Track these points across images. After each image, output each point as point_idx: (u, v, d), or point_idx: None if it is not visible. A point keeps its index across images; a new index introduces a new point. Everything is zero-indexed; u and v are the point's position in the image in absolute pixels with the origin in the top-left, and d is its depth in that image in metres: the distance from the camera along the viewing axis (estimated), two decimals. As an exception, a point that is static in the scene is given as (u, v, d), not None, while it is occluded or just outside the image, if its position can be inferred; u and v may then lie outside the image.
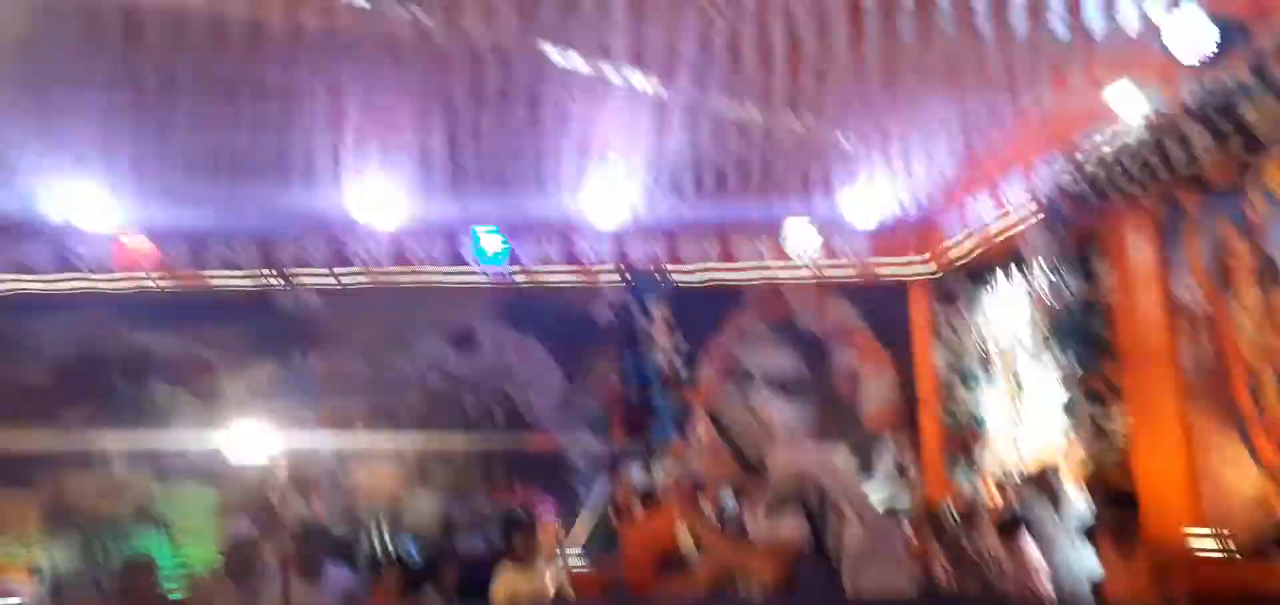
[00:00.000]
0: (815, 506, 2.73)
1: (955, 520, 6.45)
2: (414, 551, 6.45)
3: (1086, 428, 5.92)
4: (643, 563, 6.99)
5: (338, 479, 6.78)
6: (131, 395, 6.90)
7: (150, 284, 7.09)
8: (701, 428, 3.03)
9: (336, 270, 7.37)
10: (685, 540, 3.85)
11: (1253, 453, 5.35)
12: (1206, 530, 5.44)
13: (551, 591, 5.87)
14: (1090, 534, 5.68)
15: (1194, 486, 5.60)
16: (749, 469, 2.91)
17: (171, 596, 5.67)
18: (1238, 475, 5.43)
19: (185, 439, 6.68)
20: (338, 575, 5.65)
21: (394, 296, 7.52)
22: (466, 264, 7.61)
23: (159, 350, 7.01)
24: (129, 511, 6.48)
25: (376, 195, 6.86)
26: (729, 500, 3.17)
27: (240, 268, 7.19)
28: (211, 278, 7.17)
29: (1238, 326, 5.45)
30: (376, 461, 7.17)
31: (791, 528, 2.70)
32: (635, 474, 7.23)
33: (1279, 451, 5.18)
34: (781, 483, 2.79)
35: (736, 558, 2.81)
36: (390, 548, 6.98)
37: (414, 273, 7.57)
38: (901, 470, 8.13)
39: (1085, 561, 5.88)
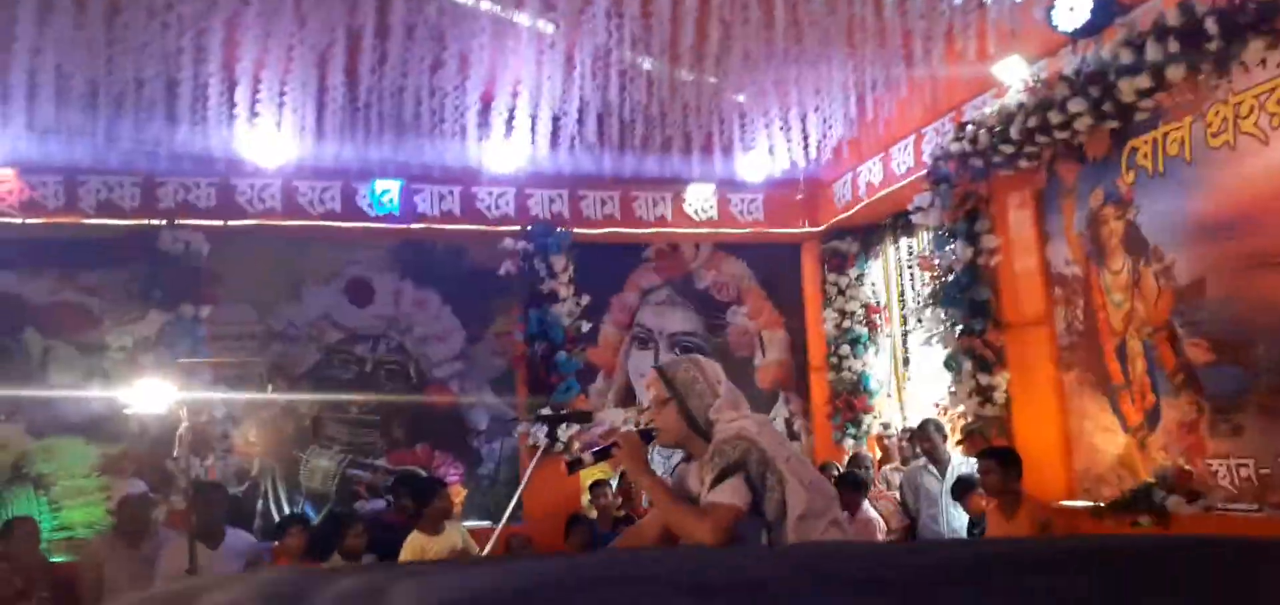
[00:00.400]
0: (756, 469, 2.80)
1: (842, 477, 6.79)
2: (311, 514, 6.32)
3: (969, 389, 6.28)
4: (548, 523, 7.09)
5: (230, 437, 6.53)
6: (1, 345, 6.44)
7: (17, 223, 6.59)
8: (651, 387, 3.02)
9: (223, 215, 7.04)
10: (601, 499, 3.89)
11: (1119, 417, 5.80)
12: (1079, 489, 5.89)
13: (468, 551, 5.87)
14: (970, 491, 6.07)
15: (1068, 448, 6.05)
16: (696, 429, 2.94)
17: (53, 560, 5.39)
18: (1107, 439, 5.88)
19: (62, 393, 6.34)
20: (237, 537, 5.51)
21: (285, 244, 7.25)
22: (362, 212, 7.41)
23: (31, 297, 6.56)
24: (2, 471, 6.08)
25: (268, 135, 6.57)
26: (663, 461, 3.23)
27: (120, 210, 6.79)
28: (88, 219, 6.74)
29: (1107, 295, 5.88)
30: (270, 419, 6.95)
31: (736, 489, 2.74)
32: (540, 433, 7.26)
33: (1143, 416, 5.64)
34: (727, 444, 2.84)
35: (682, 518, 2.84)
36: (286, 509, 6.83)
37: (306, 220, 7.31)
38: (792, 430, 8.43)
39: (962, 518, 6.29)
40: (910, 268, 7.76)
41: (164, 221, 6.67)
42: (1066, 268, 6.17)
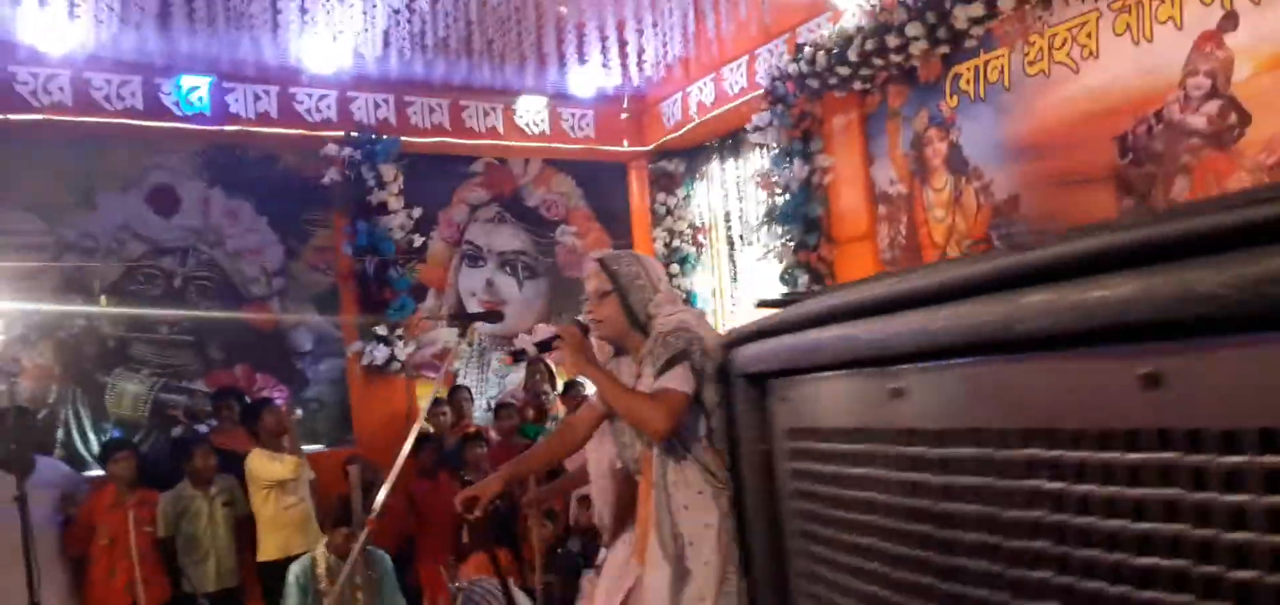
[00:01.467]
0: (698, 360, 2.84)
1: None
2: (120, 439, 5.75)
3: (805, 298, 6.62)
4: (381, 442, 6.83)
5: (19, 360, 5.79)
6: None
7: None
8: (592, 279, 2.99)
9: (2, 109, 6.16)
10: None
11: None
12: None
13: (307, 476, 5.57)
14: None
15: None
16: (635, 324, 2.94)
17: None
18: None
19: None
20: (49, 467, 4.95)
21: (76, 145, 6.45)
22: (167, 111, 6.71)
23: None
24: None
25: (56, 18, 5.77)
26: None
27: None
28: None
29: (929, 211, 6.36)
30: (68, 340, 6.22)
31: (683, 376, 2.75)
32: (375, 353, 6.96)
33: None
34: (672, 335, 2.85)
35: (633, 403, 2.83)
36: (91, 437, 6.17)
37: (102, 117, 6.52)
38: (620, 342, 8.55)
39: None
40: (739, 189, 8.01)
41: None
42: (891, 187, 6.61)
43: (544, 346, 3.02)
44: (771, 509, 1.46)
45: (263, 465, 5.37)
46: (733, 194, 8.12)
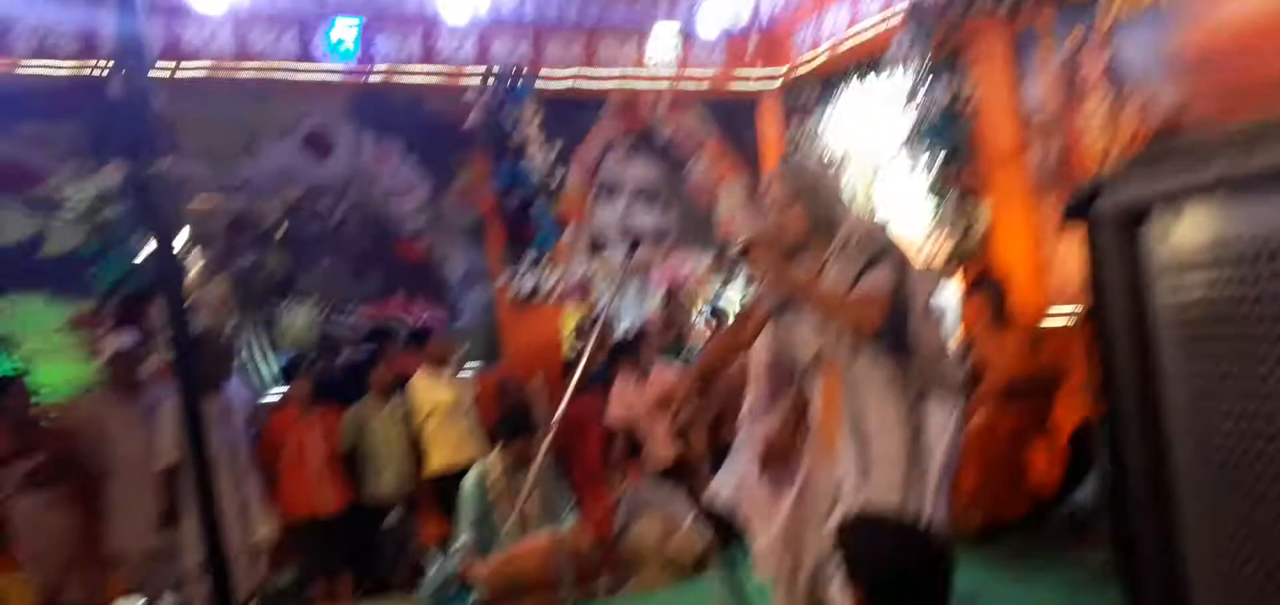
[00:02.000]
0: (895, 259, 2.90)
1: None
2: (298, 360, 6.13)
3: (951, 221, 6.55)
4: (530, 366, 7.09)
5: (206, 290, 6.22)
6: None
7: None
8: (777, 187, 3.05)
9: (171, 61, 6.56)
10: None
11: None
12: (1057, 307, 6.29)
13: (468, 397, 5.86)
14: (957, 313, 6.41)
15: (1043, 270, 6.43)
16: (820, 227, 2.99)
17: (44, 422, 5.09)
18: (1079, 259, 6.25)
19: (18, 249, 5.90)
20: (235, 389, 5.33)
21: (238, 94, 6.82)
22: (317, 59, 7.02)
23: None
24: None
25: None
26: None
27: (57, 56, 6.22)
28: (22, 66, 6.16)
29: (1083, 132, 6.18)
30: (241, 273, 6.64)
31: (887, 276, 2.81)
32: (523, 283, 7.20)
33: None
34: (869, 236, 2.91)
35: (841, 303, 2.84)
36: (266, 361, 6.60)
37: (259, 67, 6.89)
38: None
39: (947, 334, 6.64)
40: (880, 109, 7.88)
41: (109, 67, 6.14)
42: (1041, 108, 6.44)
43: (741, 252, 3.07)
44: (1144, 362, 1.36)
45: (426, 389, 5.67)
46: (869, 123, 8.00)
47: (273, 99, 6.99)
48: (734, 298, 8.17)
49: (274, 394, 6.30)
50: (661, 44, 8.08)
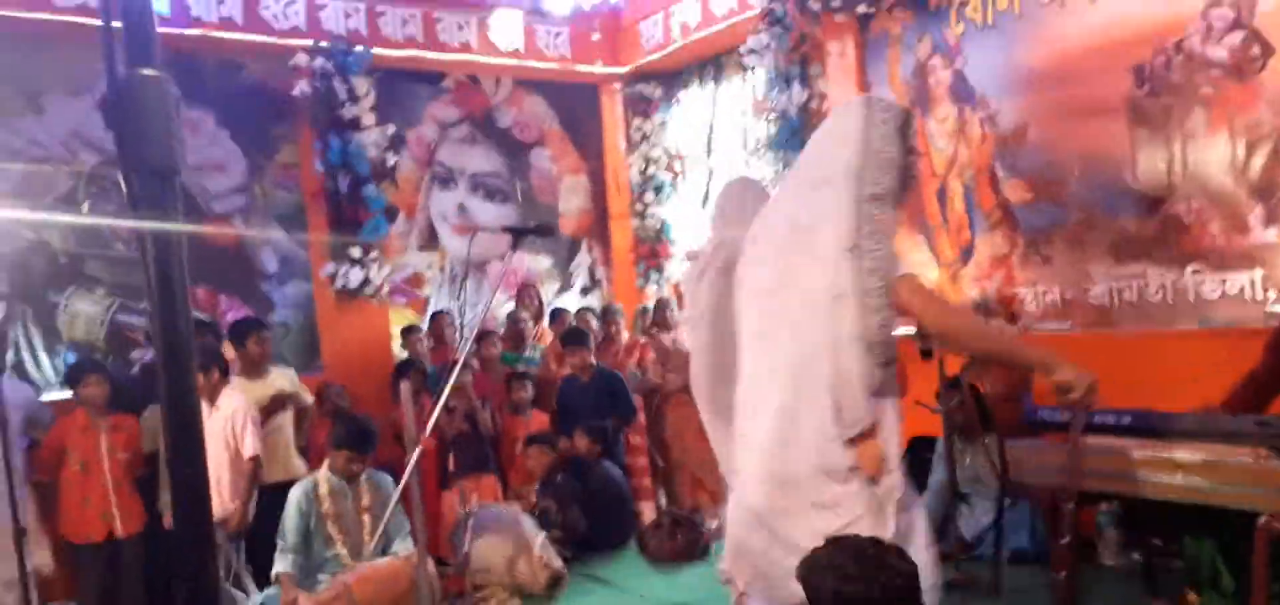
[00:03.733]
0: None
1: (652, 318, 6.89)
2: (92, 361, 5.31)
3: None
4: (354, 369, 6.53)
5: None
6: None
7: None
8: None
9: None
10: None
11: (934, 254, 6.28)
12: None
13: (304, 398, 5.27)
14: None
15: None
16: None
17: None
18: (920, 273, 6.33)
19: None
20: (14, 388, 4.53)
21: (21, 43, 5.86)
22: (117, 15, 6.14)
23: None
24: None
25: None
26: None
27: None
28: None
29: (931, 141, 6.26)
30: (15, 255, 5.71)
31: None
32: (347, 274, 6.59)
33: (959, 252, 6.14)
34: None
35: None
36: (43, 359, 5.70)
37: (48, 14, 5.94)
38: (593, 277, 8.33)
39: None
40: (722, 108, 7.78)
41: None
42: (889, 114, 6.48)
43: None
44: None
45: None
46: (715, 122, 7.89)
47: (64, 49, 6.06)
48: (573, 302, 7.86)
49: (53, 396, 5.44)
50: (504, 25, 7.65)
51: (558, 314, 7.10)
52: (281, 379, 5.31)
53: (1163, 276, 5.11)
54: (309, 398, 5.48)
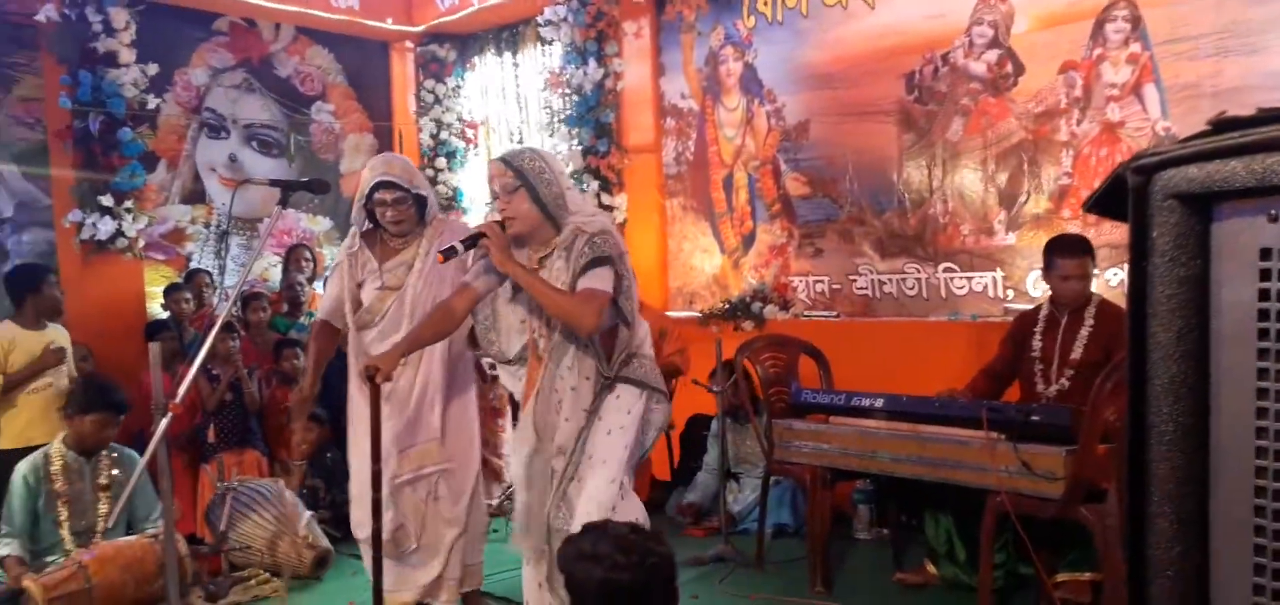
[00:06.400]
0: (619, 264, 2.90)
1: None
2: None
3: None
4: (102, 327, 5.96)
5: None
6: None
7: None
8: (497, 178, 2.93)
9: None
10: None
11: (718, 241, 6.47)
12: (675, 303, 6.53)
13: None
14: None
15: (665, 266, 6.65)
16: (547, 217, 2.92)
17: None
18: (705, 259, 6.54)
19: None
20: None
21: None
22: None
23: None
24: None
25: None
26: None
27: None
28: None
29: (720, 129, 6.44)
30: None
31: (607, 277, 2.84)
32: (99, 224, 5.98)
33: (740, 241, 6.36)
34: (599, 236, 2.87)
35: (562, 302, 2.84)
36: None
37: None
38: (378, 236, 7.99)
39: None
40: (518, 85, 7.66)
41: None
42: (681, 100, 6.61)
43: (470, 242, 2.95)
44: (1201, 361, 1.17)
45: (6, 339, 4.48)
46: (510, 90, 7.75)
47: None
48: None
49: None
50: (289, -32, 7.16)
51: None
52: (55, 332, 4.79)
53: (920, 272, 5.51)
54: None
